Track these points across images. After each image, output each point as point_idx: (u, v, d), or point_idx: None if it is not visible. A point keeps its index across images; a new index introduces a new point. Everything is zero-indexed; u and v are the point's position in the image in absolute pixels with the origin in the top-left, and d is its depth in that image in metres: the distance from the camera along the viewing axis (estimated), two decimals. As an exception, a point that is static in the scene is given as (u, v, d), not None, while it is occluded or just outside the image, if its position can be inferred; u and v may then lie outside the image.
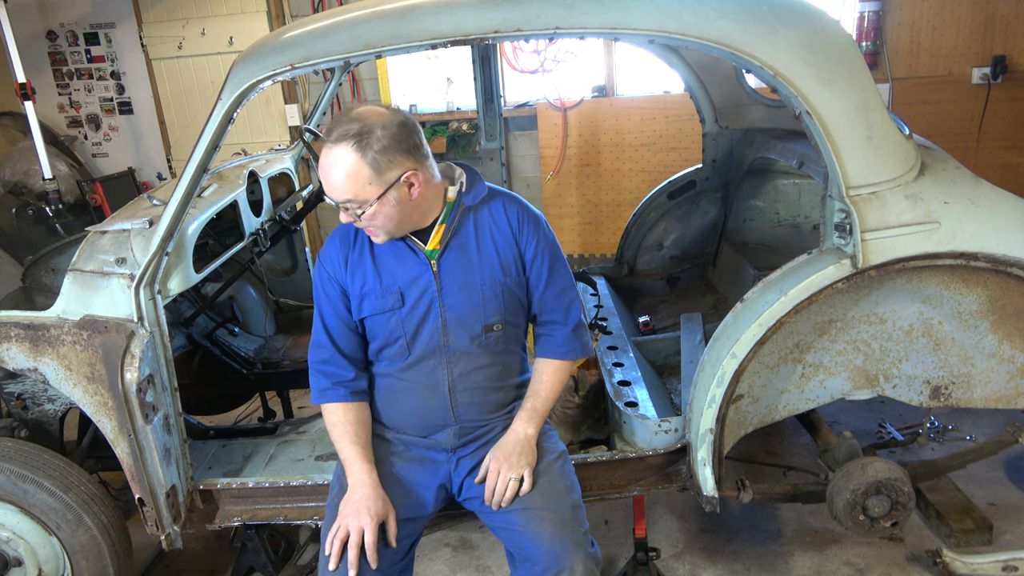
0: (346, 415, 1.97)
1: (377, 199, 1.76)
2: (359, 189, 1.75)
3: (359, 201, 1.77)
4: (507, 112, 5.46)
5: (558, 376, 2.05)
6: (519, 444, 1.94)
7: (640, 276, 3.79)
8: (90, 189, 5.40)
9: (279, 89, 5.85)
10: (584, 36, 2.02)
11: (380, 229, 1.84)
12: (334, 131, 1.74)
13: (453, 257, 1.92)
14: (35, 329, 2.21)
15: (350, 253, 1.95)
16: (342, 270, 1.95)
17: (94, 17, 6.01)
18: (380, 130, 1.73)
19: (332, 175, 1.76)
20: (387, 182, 1.76)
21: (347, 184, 1.75)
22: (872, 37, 4.93)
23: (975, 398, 2.25)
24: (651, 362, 2.99)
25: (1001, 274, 2.09)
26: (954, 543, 2.66)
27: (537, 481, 1.93)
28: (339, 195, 1.77)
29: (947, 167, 2.16)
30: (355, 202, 1.77)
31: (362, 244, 1.95)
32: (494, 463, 1.93)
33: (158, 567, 2.96)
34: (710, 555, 2.78)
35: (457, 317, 1.93)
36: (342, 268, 1.95)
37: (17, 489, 2.23)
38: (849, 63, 2.03)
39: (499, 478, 1.90)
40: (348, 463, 1.92)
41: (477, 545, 2.92)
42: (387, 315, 1.92)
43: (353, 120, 1.74)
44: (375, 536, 1.81)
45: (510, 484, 1.89)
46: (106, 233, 2.25)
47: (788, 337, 2.20)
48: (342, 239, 1.97)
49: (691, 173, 3.64)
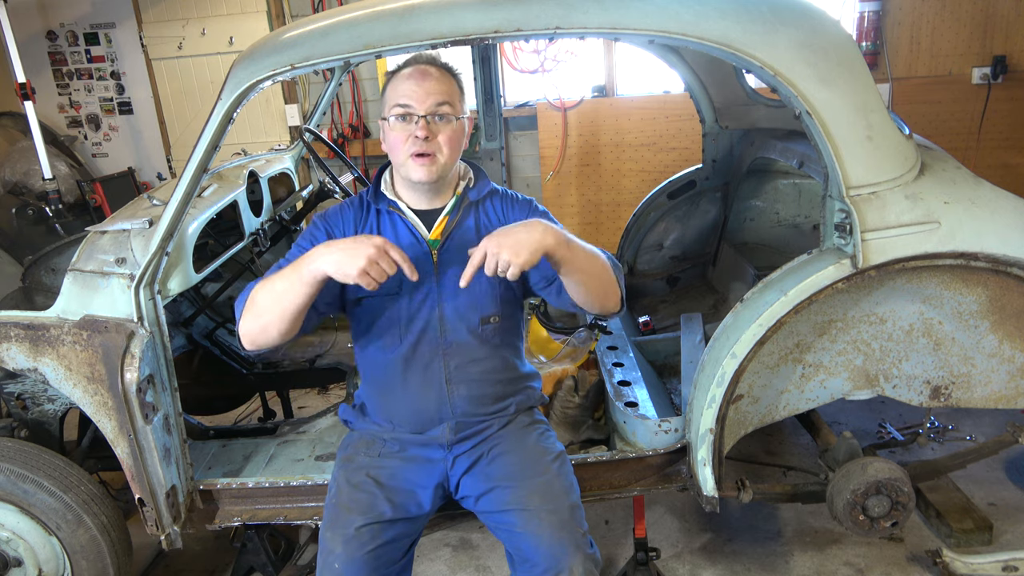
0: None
1: (459, 116, 1.87)
2: (454, 99, 1.87)
3: (452, 108, 1.85)
4: (507, 112, 5.46)
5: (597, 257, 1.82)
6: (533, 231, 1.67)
7: (640, 276, 3.79)
8: (90, 189, 5.40)
9: (279, 89, 5.86)
10: (584, 36, 2.02)
11: (442, 150, 1.86)
12: (419, 55, 1.90)
13: (454, 248, 1.93)
14: (35, 329, 2.21)
15: (361, 225, 1.96)
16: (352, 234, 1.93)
17: (94, 17, 6.01)
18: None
19: (431, 79, 1.85)
20: (463, 110, 1.90)
21: (448, 90, 1.86)
22: (872, 37, 4.93)
23: (975, 398, 2.25)
24: (651, 362, 2.99)
25: (1001, 274, 2.09)
26: (954, 543, 2.67)
27: (535, 482, 1.92)
28: (438, 95, 1.83)
29: (947, 167, 2.16)
30: (450, 105, 1.85)
31: (370, 224, 1.96)
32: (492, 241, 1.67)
33: (158, 567, 2.96)
34: (710, 555, 2.78)
35: (455, 308, 1.93)
36: (352, 234, 1.93)
37: (17, 489, 2.23)
38: (849, 63, 2.03)
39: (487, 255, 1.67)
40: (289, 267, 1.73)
41: (477, 545, 2.92)
42: (382, 299, 1.92)
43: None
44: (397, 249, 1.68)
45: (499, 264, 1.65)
46: (106, 233, 2.25)
47: (788, 337, 2.20)
48: (354, 211, 1.98)
49: (691, 173, 3.64)
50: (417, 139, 1.82)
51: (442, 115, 1.84)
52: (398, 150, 1.86)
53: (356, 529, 1.85)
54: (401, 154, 1.86)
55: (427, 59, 1.90)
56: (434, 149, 1.85)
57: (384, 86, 1.93)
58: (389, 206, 1.95)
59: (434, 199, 1.95)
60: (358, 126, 5.74)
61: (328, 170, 3.06)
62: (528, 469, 1.95)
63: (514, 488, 1.92)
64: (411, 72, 1.87)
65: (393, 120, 1.85)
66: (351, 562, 1.81)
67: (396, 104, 1.85)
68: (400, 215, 1.94)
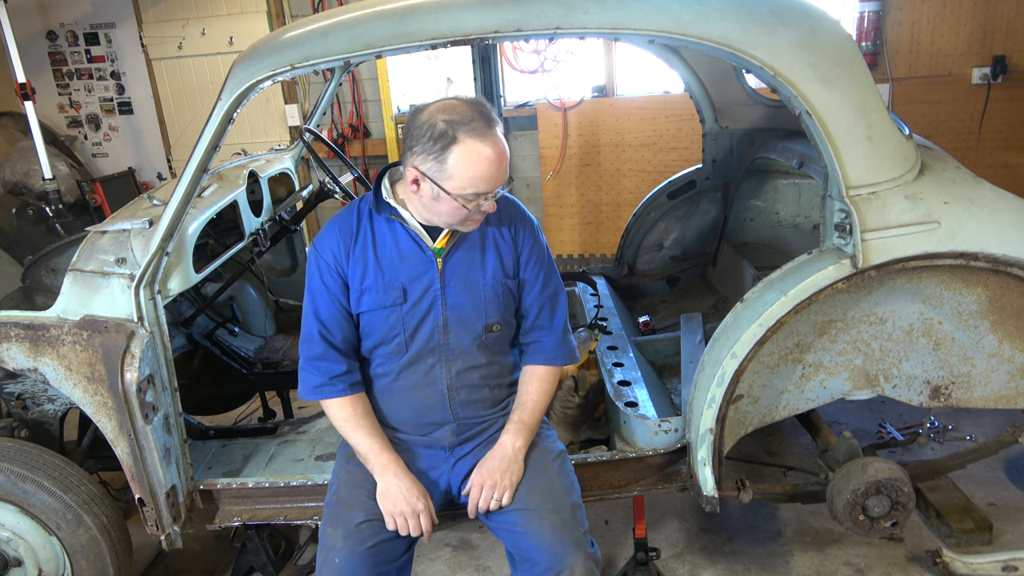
0: (354, 409, 1.96)
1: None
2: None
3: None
4: (507, 112, 5.46)
5: (545, 386, 2.04)
6: (505, 459, 1.94)
7: (640, 276, 3.79)
8: (90, 189, 5.40)
9: (279, 89, 5.86)
10: (584, 36, 2.02)
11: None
12: (486, 121, 1.74)
13: (459, 257, 1.93)
14: (35, 329, 2.21)
15: (352, 245, 1.92)
16: (344, 261, 1.92)
17: (94, 17, 6.01)
18: None
19: (506, 161, 1.78)
20: None
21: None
22: (872, 37, 4.93)
23: (975, 398, 2.25)
24: (651, 362, 2.98)
25: (1001, 274, 2.09)
26: (954, 543, 2.67)
27: (536, 481, 1.93)
28: (504, 179, 1.80)
29: (947, 167, 2.16)
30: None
31: (364, 238, 1.93)
32: (478, 477, 1.93)
33: (158, 567, 2.96)
34: (710, 555, 2.78)
35: (458, 317, 1.93)
36: (344, 259, 1.92)
37: (17, 489, 2.23)
38: (849, 63, 2.03)
39: (482, 495, 1.92)
40: (372, 455, 1.92)
41: (477, 545, 2.92)
42: (387, 311, 1.92)
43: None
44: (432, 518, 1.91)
45: (492, 502, 1.91)
46: (106, 233, 2.25)
47: (788, 337, 2.20)
48: (342, 230, 1.94)
49: (691, 173, 3.64)
50: (484, 213, 1.84)
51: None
52: (456, 218, 1.83)
53: (357, 525, 1.85)
54: (458, 222, 1.85)
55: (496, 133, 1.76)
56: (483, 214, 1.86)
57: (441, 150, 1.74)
58: (391, 214, 1.93)
59: None
60: (358, 126, 5.74)
61: (328, 170, 3.06)
62: (529, 469, 1.95)
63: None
64: (489, 156, 1.73)
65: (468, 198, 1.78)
66: (351, 557, 1.81)
67: (475, 192, 1.76)
68: (402, 223, 1.92)
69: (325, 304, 1.94)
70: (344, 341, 1.97)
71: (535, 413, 2.01)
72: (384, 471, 1.90)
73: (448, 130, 1.72)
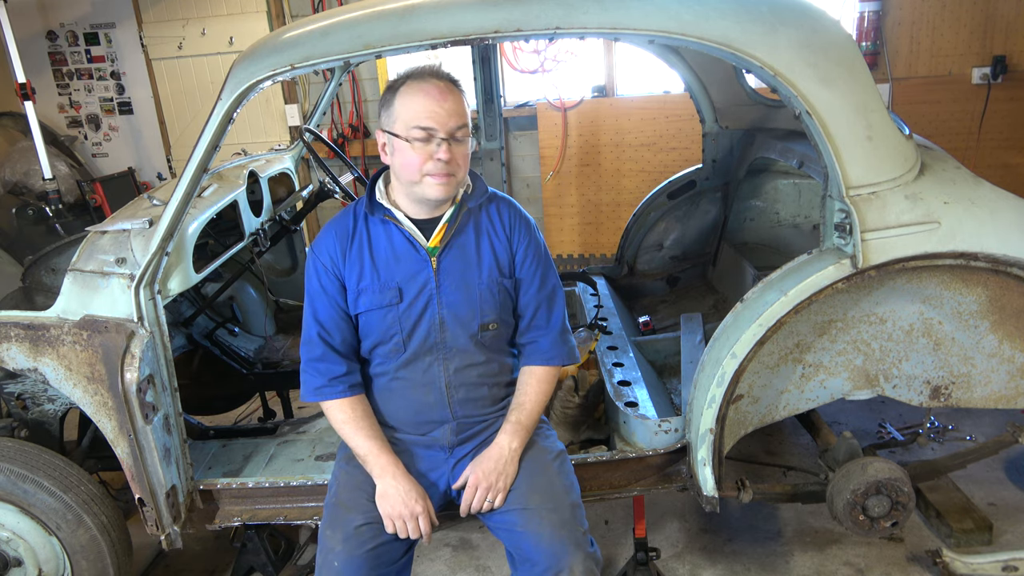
0: (354, 410, 1.96)
1: (471, 133, 1.86)
2: (468, 117, 1.85)
3: (467, 127, 1.84)
4: (507, 112, 5.47)
5: (543, 387, 2.03)
6: (501, 460, 1.94)
7: (640, 276, 3.79)
8: (90, 189, 5.41)
9: (279, 89, 5.86)
10: (584, 36, 2.02)
11: (459, 168, 1.86)
12: (428, 68, 1.83)
13: (453, 255, 1.93)
14: (35, 329, 2.21)
15: (348, 247, 1.94)
16: (340, 263, 1.94)
17: (94, 17, 6.01)
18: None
19: (450, 100, 1.81)
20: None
21: (464, 109, 1.84)
22: (872, 37, 4.93)
23: (975, 398, 2.25)
24: (651, 362, 2.99)
25: (1001, 274, 2.09)
26: (954, 543, 2.67)
27: (536, 481, 1.93)
28: (457, 119, 1.82)
29: (947, 167, 2.16)
30: (465, 129, 1.84)
31: (360, 239, 1.94)
32: (473, 477, 1.93)
33: (158, 567, 2.96)
34: (710, 555, 2.78)
35: (455, 315, 1.93)
36: (340, 261, 1.94)
37: (17, 489, 2.23)
38: (849, 63, 2.03)
39: (475, 496, 1.92)
40: (371, 456, 1.92)
41: (477, 545, 2.92)
42: (384, 311, 1.92)
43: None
44: (431, 520, 1.91)
45: (484, 504, 1.92)
46: (106, 233, 2.25)
47: (788, 337, 2.20)
48: (339, 232, 1.95)
49: (691, 173, 3.64)
50: (439, 161, 1.81)
51: (460, 137, 1.83)
52: (413, 169, 1.83)
53: (356, 528, 1.85)
54: (416, 173, 1.83)
55: (439, 74, 1.83)
56: (453, 169, 1.84)
57: (389, 98, 1.85)
58: (385, 215, 1.94)
59: (436, 209, 1.93)
60: (358, 126, 5.74)
61: (328, 170, 3.06)
62: (528, 468, 1.95)
63: (515, 487, 1.93)
64: (428, 90, 1.80)
65: (414, 142, 1.80)
66: (350, 560, 1.81)
67: (417, 126, 1.79)
68: (396, 224, 1.93)
69: (324, 306, 1.96)
70: (343, 343, 1.97)
71: (532, 414, 2.01)
72: (383, 473, 1.90)
73: (396, 82, 1.86)
